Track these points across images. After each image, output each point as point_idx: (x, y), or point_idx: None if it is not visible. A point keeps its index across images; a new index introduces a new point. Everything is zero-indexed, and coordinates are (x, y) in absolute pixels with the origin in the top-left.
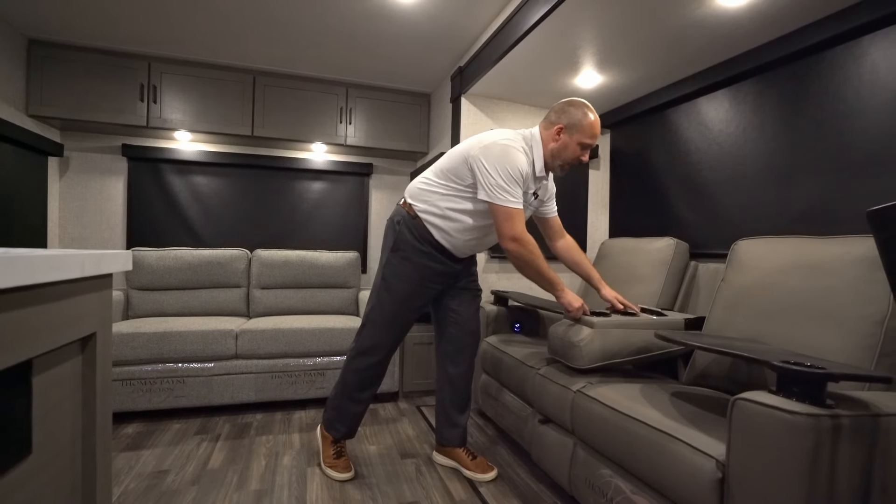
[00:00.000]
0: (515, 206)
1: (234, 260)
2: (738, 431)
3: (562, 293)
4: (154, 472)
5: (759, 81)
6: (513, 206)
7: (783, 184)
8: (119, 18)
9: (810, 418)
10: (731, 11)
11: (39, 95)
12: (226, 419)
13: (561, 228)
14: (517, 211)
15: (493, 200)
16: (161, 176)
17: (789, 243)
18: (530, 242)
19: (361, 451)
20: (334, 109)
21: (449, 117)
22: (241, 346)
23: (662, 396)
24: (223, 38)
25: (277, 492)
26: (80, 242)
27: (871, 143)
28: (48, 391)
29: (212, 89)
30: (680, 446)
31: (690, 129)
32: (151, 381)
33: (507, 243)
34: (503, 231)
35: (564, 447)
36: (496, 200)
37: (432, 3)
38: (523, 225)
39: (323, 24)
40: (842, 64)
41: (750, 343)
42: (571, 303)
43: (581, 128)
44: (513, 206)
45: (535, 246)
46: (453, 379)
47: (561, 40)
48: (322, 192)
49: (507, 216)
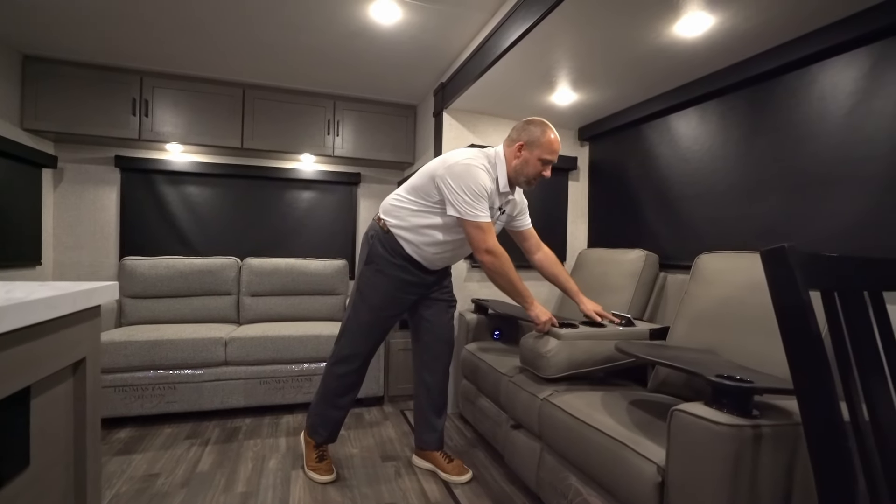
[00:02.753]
0: (484, 219)
1: (225, 268)
2: (675, 439)
3: (531, 306)
4: (145, 475)
5: (722, 102)
6: (481, 220)
7: (745, 200)
8: (112, 35)
9: (732, 428)
10: (688, 40)
11: (34, 110)
12: (216, 424)
13: (538, 241)
14: (487, 224)
15: (462, 216)
16: (153, 186)
17: (746, 259)
18: (503, 255)
19: (345, 454)
20: (322, 121)
21: (433, 130)
22: (230, 353)
23: (621, 404)
24: (213, 54)
25: (262, 494)
26: (74, 251)
27: (821, 166)
28: (44, 410)
29: (202, 103)
30: (628, 452)
31: (662, 144)
32: (143, 387)
33: (481, 255)
34: (477, 244)
35: (532, 451)
36: (465, 216)
37: (411, 25)
38: (495, 237)
39: (309, 44)
40: (794, 90)
41: (702, 354)
42: (539, 316)
43: (540, 144)
44: (481, 219)
45: (507, 259)
46: (429, 385)
47: (536, 61)
48: (311, 201)
49: (477, 229)
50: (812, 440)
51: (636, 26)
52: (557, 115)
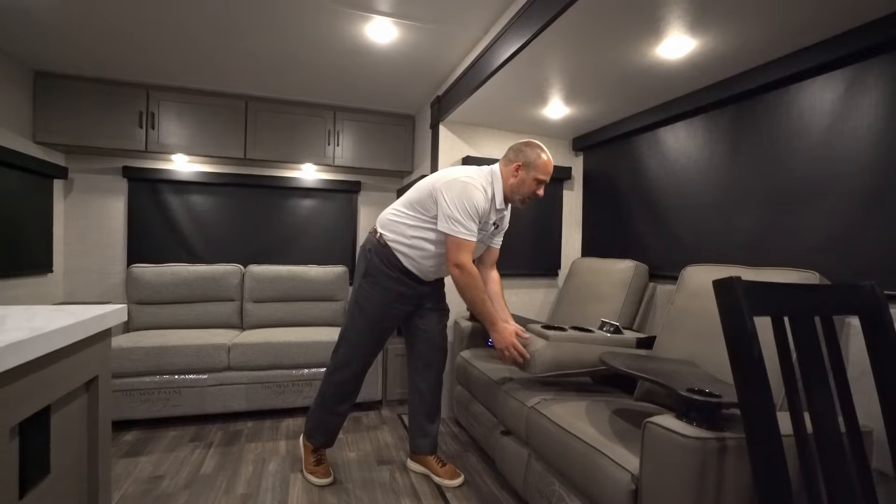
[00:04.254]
0: (466, 237)
1: (228, 275)
2: (647, 450)
3: (492, 327)
4: (151, 476)
5: (707, 118)
6: (463, 238)
7: (730, 214)
8: (119, 51)
9: (697, 441)
10: (671, 61)
11: (45, 123)
12: (218, 427)
13: (495, 262)
14: (466, 242)
15: (448, 231)
16: (159, 195)
17: (726, 272)
18: (472, 273)
19: (342, 458)
20: (323, 131)
21: (429, 140)
22: (233, 359)
23: (604, 414)
24: (217, 69)
25: (262, 495)
26: (83, 259)
27: (800, 182)
28: (62, 424)
29: (207, 115)
30: (605, 460)
31: (651, 157)
32: (149, 391)
33: (451, 268)
34: (450, 257)
35: (521, 457)
36: (450, 231)
37: (406, 43)
38: (469, 256)
39: (308, 59)
40: (775, 108)
41: (682, 366)
42: (498, 340)
43: (536, 165)
44: (463, 237)
45: (475, 278)
46: (422, 392)
47: (528, 77)
48: (312, 209)
49: (456, 245)
50: (753, 451)
51: (621, 48)
52: (552, 126)
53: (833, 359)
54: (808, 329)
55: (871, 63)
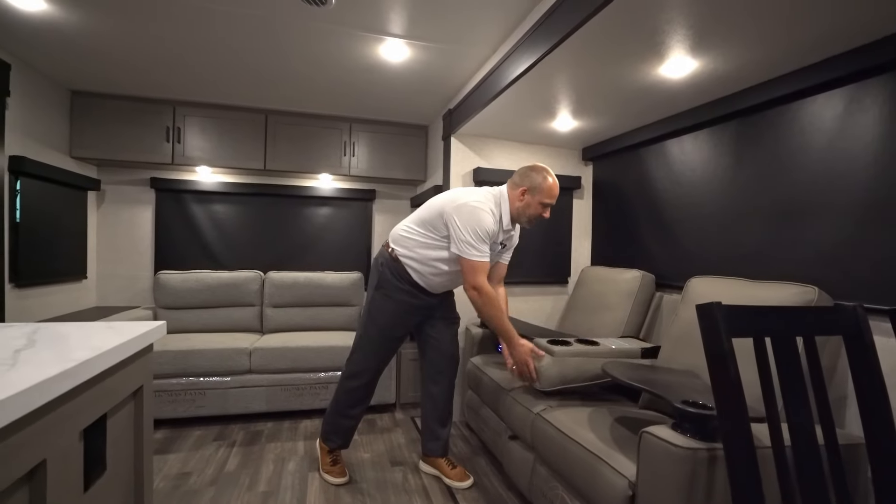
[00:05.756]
0: (480, 259)
1: (249, 281)
2: (643, 458)
3: (511, 345)
4: (179, 473)
5: (712, 132)
6: (477, 260)
7: (734, 226)
8: (148, 70)
9: (688, 451)
10: (674, 80)
11: (80, 139)
12: (240, 427)
13: (502, 278)
14: (481, 264)
15: (462, 254)
16: (184, 205)
17: (729, 285)
18: (489, 294)
19: (357, 459)
20: (339, 142)
21: (441, 151)
22: (254, 363)
23: (606, 421)
24: (238, 85)
25: (282, 494)
26: (113, 266)
27: (802, 196)
28: (115, 427)
29: (228, 128)
30: (604, 467)
31: (659, 168)
32: (176, 392)
33: (469, 291)
34: (468, 280)
35: (527, 461)
36: (464, 255)
37: (418, 61)
38: (485, 277)
39: (325, 76)
40: (777, 124)
41: (681, 377)
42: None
43: (541, 189)
44: (477, 259)
45: (493, 297)
46: (434, 396)
47: (536, 94)
48: (328, 217)
49: (471, 268)
50: (729, 462)
51: (626, 67)
52: (561, 137)
53: (814, 377)
54: (789, 349)
55: (868, 83)
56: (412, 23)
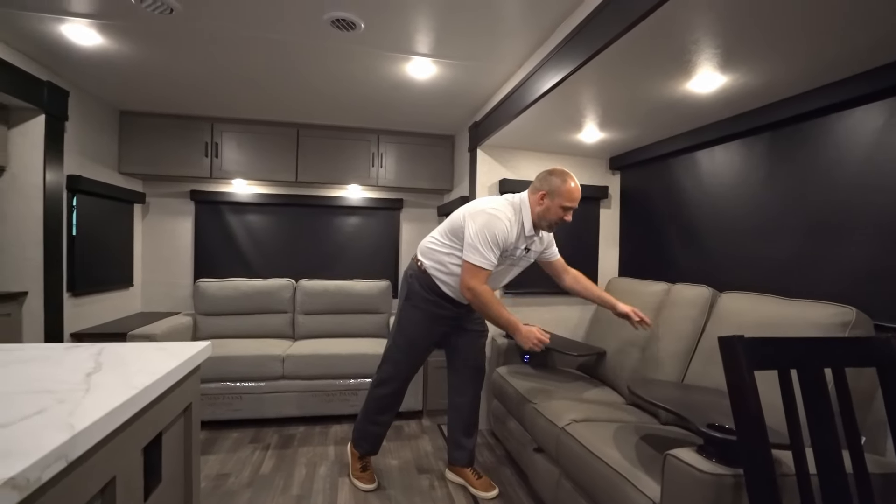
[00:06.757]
0: (481, 264)
1: (282, 289)
2: (667, 481)
3: (516, 332)
4: (218, 474)
5: (744, 144)
6: (476, 264)
7: (764, 240)
8: (188, 91)
9: (713, 476)
10: (702, 94)
11: (128, 156)
12: (274, 430)
13: (565, 266)
14: (479, 270)
15: (465, 257)
16: (221, 215)
17: (759, 301)
18: (484, 293)
19: (385, 465)
20: (367, 154)
21: (467, 162)
22: (287, 369)
23: (631, 439)
24: (272, 102)
25: (314, 497)
26: (156, 274)
27: (836, 212)
28: (169, 442)
29: (262, 142)
30: (628, 486)
31: (687, 178)
32: (214, 396)
33: (464, 291)
34: (463, 281)
35: (552, 475)
36: (466, 257)
37: (444, 77)
38: (481, 280)
39: (354, 92)
40: (813, 137)
41: (709, 396)
42: (526, 339)
43: (560, 193)
44: (477, 264)
45: (488, 295)
46: (459, 407)
47: (562, 108)
48: (357, 226)
49: (469, 271)
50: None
51: (652, 83)
52: (587, 147)
53: (843, 408)
54: (816, 381)
55: None
56: (438, 42)
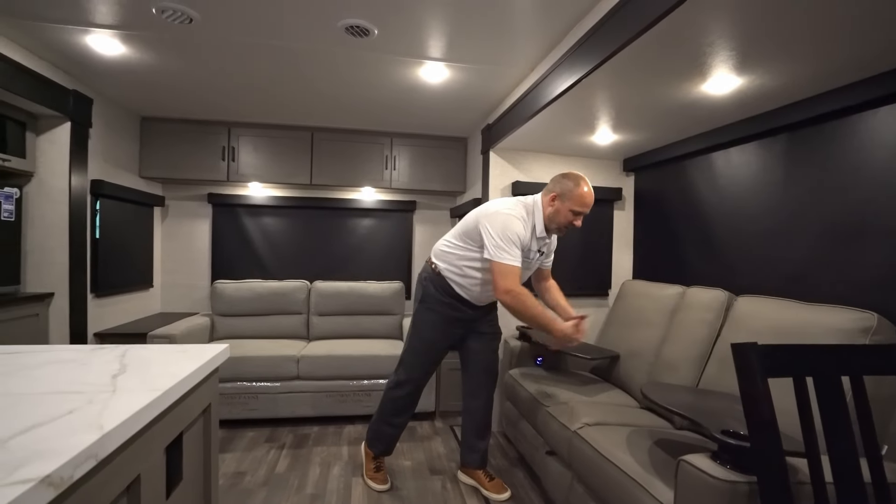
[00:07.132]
0: (510, 262)
1: (296, 291)
2: (681, 486)
3: (554, 328)
4: (235, 472)
5: (761, 145)
6: (507, 263)
7: (780, 244)
8: (206, 97)
9: (727, 483)
10: (718, 96)
11: (148, 160)
12: (289, 430)
13: (548, 274)
14: (511, 268)
15: (493, 258)
16: (237, 218)
17: (776, 305)
18: (522, 293)
19: (398, 466)
20: (380, 156)
21: (480, 165)
22: (301, 369)
23: (644, 443)
24: (287, 106)
25: (328, 497)
26: (175, 275)
27: (855, 216)
28: (189, 441)
29: (277, 146)
30: (640, 491)
31: (703, 180)
32: (231, 395)
33: (501, 295)
34: (498, 285)
35: (564, 478)
36: (495, 258)
37: (457, 81)
38: (516, 280)
39: (368, 97)
40: (833, 139)
41: (723, 402)
42: (564, 333)
43: (571, 196)
44: (508, 262)
45: (527, 296)
46: (472, 410)
47: (575, 110)
48: (370, 228)
49: (501, 272)
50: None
51: (666, 86)
52: (601, 149)
53: (862, 417)
54: (832, 390)
55: None
56: (451, 47)
